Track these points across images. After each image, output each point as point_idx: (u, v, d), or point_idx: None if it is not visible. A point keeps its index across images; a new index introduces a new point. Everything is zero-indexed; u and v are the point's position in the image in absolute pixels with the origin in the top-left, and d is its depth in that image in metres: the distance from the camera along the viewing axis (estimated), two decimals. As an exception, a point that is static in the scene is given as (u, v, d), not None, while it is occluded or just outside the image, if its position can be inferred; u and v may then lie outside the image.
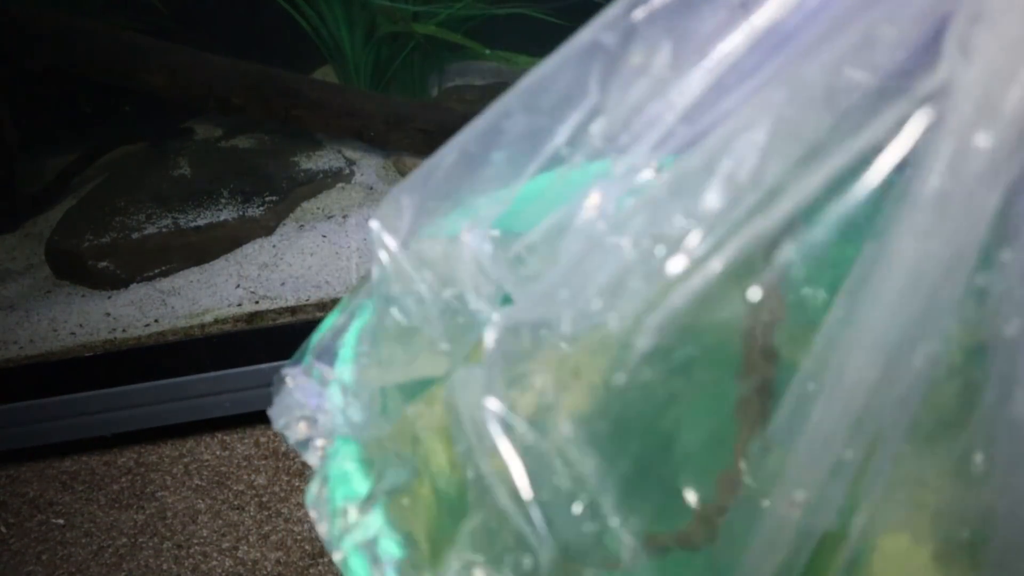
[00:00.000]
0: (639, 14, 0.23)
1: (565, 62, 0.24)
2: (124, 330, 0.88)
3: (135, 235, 0.94)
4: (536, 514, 0.25)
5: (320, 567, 0.79)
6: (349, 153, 1.14)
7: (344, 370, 0.32)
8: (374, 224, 0.28)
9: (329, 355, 0.33)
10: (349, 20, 1.12)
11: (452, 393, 0.28)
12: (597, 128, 0.24)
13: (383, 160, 1.14)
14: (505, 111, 0.25)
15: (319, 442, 0.32)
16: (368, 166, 1.13)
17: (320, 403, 0.32)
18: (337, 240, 0.99)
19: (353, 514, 0.29)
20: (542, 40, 1.23)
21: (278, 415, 0.32)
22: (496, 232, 0.27)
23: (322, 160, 1.11)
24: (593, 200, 0.23)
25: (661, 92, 0.22)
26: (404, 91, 1.21)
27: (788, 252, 0.21)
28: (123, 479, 0.88)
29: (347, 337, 0.32)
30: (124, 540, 0.82)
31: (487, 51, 1.10)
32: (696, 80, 0.22)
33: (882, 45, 0.19)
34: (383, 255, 0.28)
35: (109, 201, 0.99)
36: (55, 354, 0.86)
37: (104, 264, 0.92)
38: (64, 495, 0.87)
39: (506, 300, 0.28)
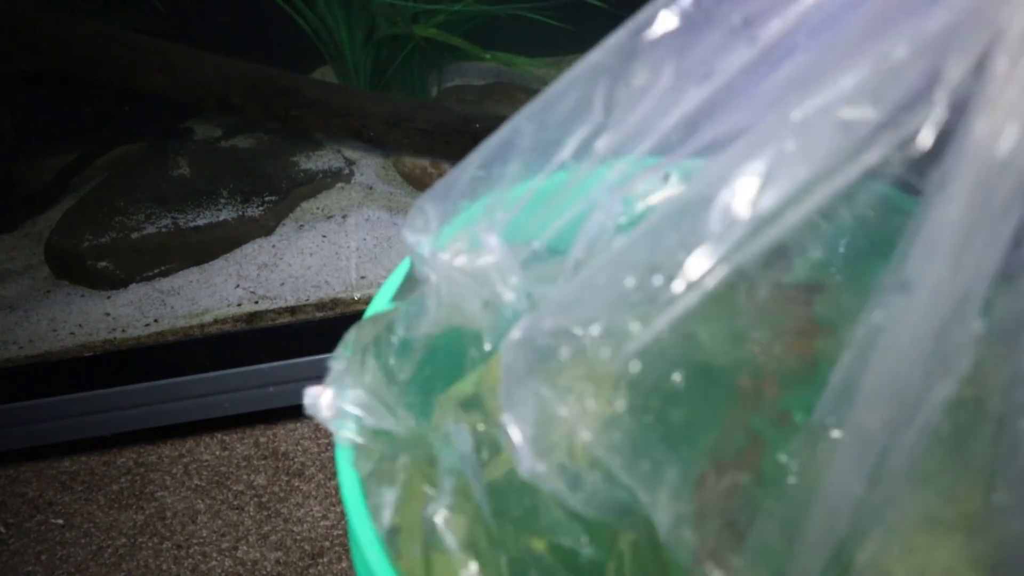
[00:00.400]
0: (643, 38, 0.24)
1: (572, 82, 0.25)
2: (123, 330, 0.88)
3: (134, 235, 0.94)
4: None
5: (320, 567, 0.79)
6: (348, 153, 1.14)
7: (388, 365, 0.32)
8: (407, 232, 0.29)
9: (373, 351, 0.33)
10: (349, 21, 1.12)
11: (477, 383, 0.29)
12: (601, 144, 0.25)
13: (382, 160, 1.14)
14: (516, 129, 0.26)
15: (359, 433, 0.33)
16: (367, 166, 1.13)
17: (366, 400, 0.32)
18: (337, 240, 0.99)
19: (409, 507, 0.30)
20: (541, 42, 1.23)
21: (327, 408, 0.32)
22: (505, 245, 0.28)
23: (321, 160, 1.11)
24: (598, 209, 0.24)
25: (663, 108, 0.23)
26: (403, 91, 1.21)
27: (779, 281, 0.22)
28: (122, 479, 0.88)
29: (392, 334, 0.33)
30: (123, 540, 0.82)
31: (487, 56, 1.10)
32: (696, 95, 0.23)
33: (889, 75, 0.19)
34: (423, 258, 0.29)
35: (108, 201, 0.99)
36: (54, 354, 0.86)
37: (103, 264, 0.92)
38: (63, 495, 0.87)
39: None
